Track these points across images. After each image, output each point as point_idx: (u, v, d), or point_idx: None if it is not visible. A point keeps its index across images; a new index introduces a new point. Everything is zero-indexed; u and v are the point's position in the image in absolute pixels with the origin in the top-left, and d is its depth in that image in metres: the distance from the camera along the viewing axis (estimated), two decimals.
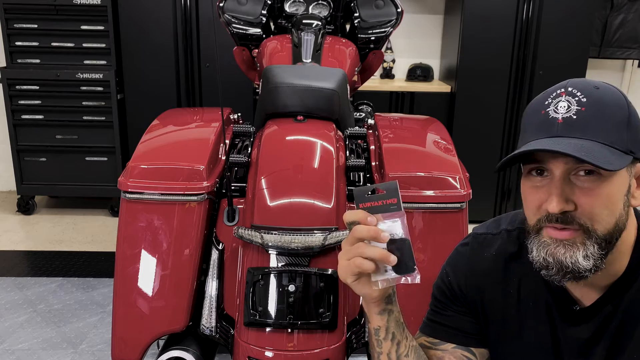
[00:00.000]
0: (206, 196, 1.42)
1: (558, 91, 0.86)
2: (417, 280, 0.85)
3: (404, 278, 0.86)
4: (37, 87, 3.50)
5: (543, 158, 0.84)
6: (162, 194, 1.40)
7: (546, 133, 0.85)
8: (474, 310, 1.05)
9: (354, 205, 0.88)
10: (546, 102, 0.86)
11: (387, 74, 3.99)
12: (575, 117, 0.83)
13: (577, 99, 0.84)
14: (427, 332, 1.07)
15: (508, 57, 3.54)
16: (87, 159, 3.63)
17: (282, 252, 1.33)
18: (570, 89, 0.85)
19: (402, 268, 0.85)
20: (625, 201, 0.85)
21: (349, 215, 0.86)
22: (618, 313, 0.90)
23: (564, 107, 0.84)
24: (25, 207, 3.73)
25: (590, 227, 0.83)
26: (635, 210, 0.91)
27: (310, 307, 1.31)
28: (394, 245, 0.85)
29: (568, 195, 0.83)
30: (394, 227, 0.86)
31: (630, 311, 0.89)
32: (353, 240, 0.85)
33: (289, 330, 1.29)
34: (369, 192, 0.87)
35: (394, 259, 0.84)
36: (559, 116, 0.84)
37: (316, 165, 1.48)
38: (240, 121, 1.92)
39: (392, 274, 0.86)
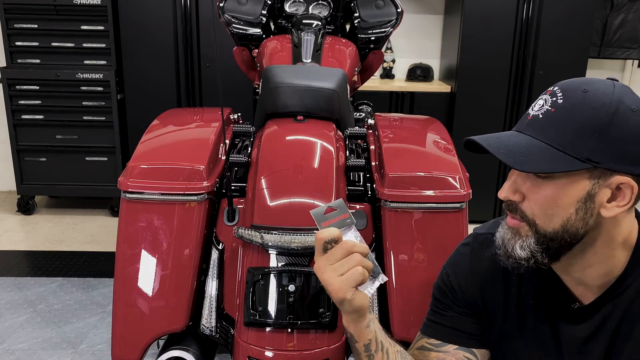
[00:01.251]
0: (206, 196, 1.42)
1: (548, 89, 0.87)
2: (385, 278, 0.94)
3: (377, 281, 0.92)
4: (37, 87, 3.50)
5: None
6: (162, 194, 1.40)
7: (516, 127, 0.89)
8: (475, 310, 1.05)
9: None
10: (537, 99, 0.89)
11: (387, 74, 3.99)
12: (541, 116, 0.85)
13: (554, 99, 0.84)
14: (429, 334, 1.07)
15: (508, 56, 3.54)
16: (87, 159, 3.63)
17: (282, 252, 1.33)
18: (556, 89, 0.86)
19: (372, 272, 0.92)
20: (581, 208, 0.83)
21: (330, 234, 0.88)
22: (617, 312, 0.90)
23: (539, 105, 0.86)
24: (25, 207, 3.73)
25: (531, 220, 0.86)
26: (636, 210, 0.91)
27: (310, 307, 1.31)
28: None
29: (519, 187, 0.87)
30: (354, 237, 0.93)
31: (630, 311, 0.89)
32: (345, 253, 0.88)
33: (289, 330, 1.29)
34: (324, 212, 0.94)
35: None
36: (531, 113, 0.87)
37: (316, 165, 1.48)
38: (240, 121, 1.92)
39: (371, 280, 0.92)
